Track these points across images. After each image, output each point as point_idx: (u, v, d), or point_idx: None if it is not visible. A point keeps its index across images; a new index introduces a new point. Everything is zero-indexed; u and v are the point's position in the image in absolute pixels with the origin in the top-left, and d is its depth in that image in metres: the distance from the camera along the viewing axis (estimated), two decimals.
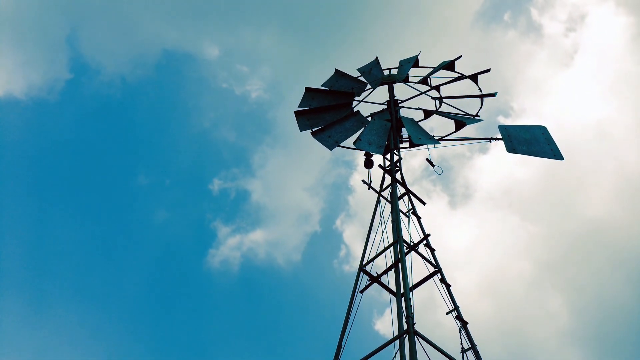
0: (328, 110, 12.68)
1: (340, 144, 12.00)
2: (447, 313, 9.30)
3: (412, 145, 11.93)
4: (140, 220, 29.36)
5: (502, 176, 28.02)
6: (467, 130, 12.26)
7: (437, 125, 14.11)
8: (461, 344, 8.68)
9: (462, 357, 8.49)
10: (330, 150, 11.94)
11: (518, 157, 11.92)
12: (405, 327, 8.13)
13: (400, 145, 12.07)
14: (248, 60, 32.35)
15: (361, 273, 10.11)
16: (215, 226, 29.78)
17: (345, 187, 31.72)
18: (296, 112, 12.51)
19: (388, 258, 10.41)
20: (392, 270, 10.08)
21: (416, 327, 8.03)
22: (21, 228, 26.05)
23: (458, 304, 9.28)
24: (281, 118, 30.62)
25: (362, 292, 10.12)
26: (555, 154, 11.44)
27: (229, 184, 30.36)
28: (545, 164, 26.82)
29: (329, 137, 12.07)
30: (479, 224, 27.49)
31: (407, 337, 7.91)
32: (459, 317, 9.12)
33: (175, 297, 27.99)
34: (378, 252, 10.24)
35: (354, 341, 9.31)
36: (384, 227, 10.76)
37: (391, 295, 10.01)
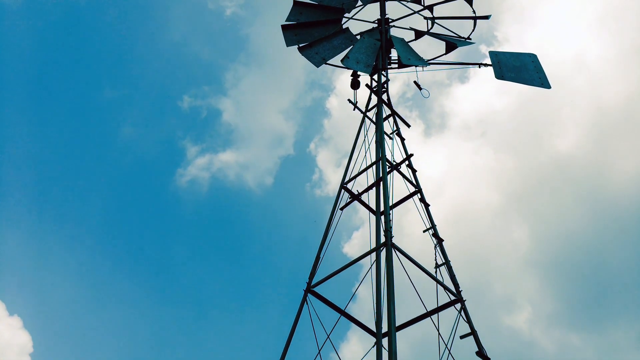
0: (316, 26, 12.24)
1: (328, 62, 11.70)
2: (424, 231, 9.53)
3: (400, 66, 11.70)
4: (105, 135, 28.64)
5: (479, 106, 28.01)
6: (454, 56, 12.11)
7: (425, 49, 13.80)
8: (435, 260, 8.96)
9: (436, 272, 8.78)
10: (317, 67, 11.63)
11: (496, 88, 11.99)
12: (383, 240, 8.30)
13: (389, 66, 11.84)
14: None
15: (342, 190, 10.19)
16: (184, 145, 29.33)
17: (321, 111, 31.34)
18: (283, 26, 12.04)
19: (369, 178, 10.52)
20: (373, 189, 10.19)
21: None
22: None
23: (435, 223, 9.50)
24: (257, 36, 29.47)
25: (342, 209, 10.26)
26: (543, 83, 11.38)
27: (199, 102, 29.59)
28: (522, 96, 26.84)
29: (316, 53, 11.72)
30: (452, 153, 27.79)
31: (384, 249, 8.10)
32: (435, 235, 9.35)
33: (141, 215, 27.98)
34: (360, 170, 10.30)
35: (327, 260, 9.51)
36: (367, 147, 10.76)
37: (370, 214, 10.18)
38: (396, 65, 11.84)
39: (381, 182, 9.74)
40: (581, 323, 24.70)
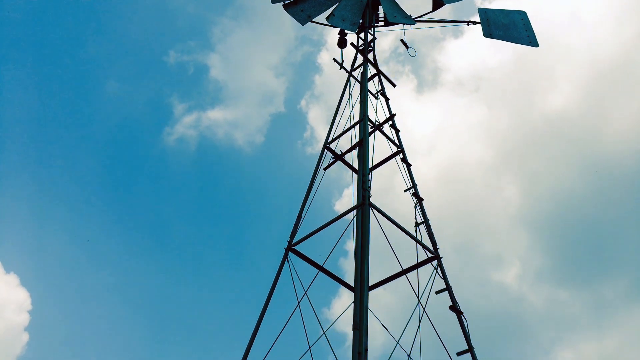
0: None
1: (313, 20, 11.52)
2: (405, 190, 9.62)
3: (387, 24, 11.54)
4: (89, 92, 28.28)
5: (472, 62, 27.66)
6: (446, 12, 11.90)
7: (415, 6, 13.55)
8: (415, 218, 9.09)
9: (415, 230, 8.93)
10: (302, 25, 11.46)
11: (491, 43, 11.82)
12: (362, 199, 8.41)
13: (375, 24, 11.66)
14: None
15: (325, 151, 10.22)
16: (171, 102, 28.95)
17: (312, 67, 30.84)
18: None
19: (354, 138, 10.52)
20: (357, 149, 10.21)
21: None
22: None
23: (416, 183, 9.59)
24: None
25: (325, 169, 10.32)
26: (532, 41, 11.23)
27: (185, 57, 29.01)
28: (517, 52, 26.48)
29: (302, 11, 11.52)
30: (445, 109, 27.64)
31: (362, 208, 8.21)
32: (416, 194, 9.46)
33: (129, 173, 27.98)
34: (343, 130, 10.30)
35: (317, 217, 9.65)
36: (351, 107, 10.72)
37: (354, 174, 10.24)
38: (382, 23, 11.67)
39: (363, 142, 9.75)
40: (570, 279, 25.23)
